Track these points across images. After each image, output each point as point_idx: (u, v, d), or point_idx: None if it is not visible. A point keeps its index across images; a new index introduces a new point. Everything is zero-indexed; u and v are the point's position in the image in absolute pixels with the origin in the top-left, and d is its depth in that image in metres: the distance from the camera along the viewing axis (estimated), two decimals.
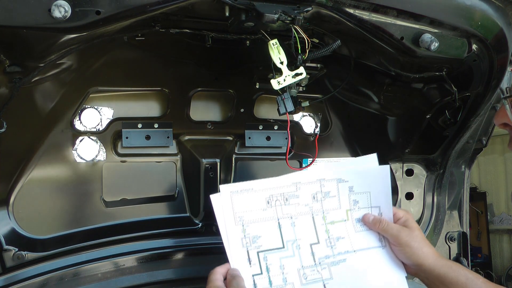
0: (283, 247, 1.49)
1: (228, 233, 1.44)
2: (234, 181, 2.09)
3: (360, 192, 1.58)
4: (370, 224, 1.57)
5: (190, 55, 1.89)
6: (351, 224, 1.57)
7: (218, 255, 1.88)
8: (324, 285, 1.49)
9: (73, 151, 1.85)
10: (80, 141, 1.86)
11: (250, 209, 1.47)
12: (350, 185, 1.57)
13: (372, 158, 1.58)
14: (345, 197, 1.57)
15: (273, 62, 1.51)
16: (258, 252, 1.46)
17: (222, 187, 1.46)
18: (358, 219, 1.58)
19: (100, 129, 1.88)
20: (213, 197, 1.45)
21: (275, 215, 1.50)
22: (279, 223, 1.50)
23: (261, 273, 1.45)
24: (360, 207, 1.58)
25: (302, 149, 2.20)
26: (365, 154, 2.28)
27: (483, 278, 1.52)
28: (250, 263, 1.45)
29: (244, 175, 2.14)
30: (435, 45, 1.54)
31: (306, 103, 1.71)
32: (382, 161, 2.25)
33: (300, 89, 1.77)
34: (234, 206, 1.46)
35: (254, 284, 1.44)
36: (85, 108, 1.85)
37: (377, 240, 1.57)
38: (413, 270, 1.56)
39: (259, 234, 1.47)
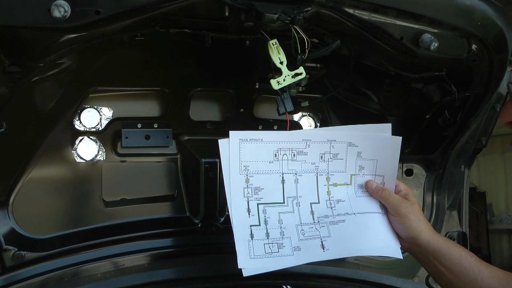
0: (284, 202, 1.50)
1: (231, 180, 1.45)
2: None
3: (367, 159, 1.58)
4: (372, 191, 1.57)
5: (190, 55, 1.89)
6: (353, 189, 1.58)
7: (218, 255, 1.89)
8: (321, 242, 1.50)
9: (72, 151, 1.85)
10: (80, 141, 1.86)
11: (256, 159, 1.47)
12: (359, 150, 1.57)
13: (386, 127, 1.59)
14: (352, 161, 1.57)
15: (273, 62, 1.51)
16: (258, 204, 1.47)
17: (232, 133, 1.45)
18: (361, 185, 1.59)
19: (100, 129, 1.88)
20: (221, 142, 1.44)
21: (280, 169, 1.50)
22: (283, 178, 1.50)
23: (259, 225, 1.46)
24: (364, 174, 1.59)
25: None
26: None
27: (476, 256, 1.53)
28: (249, 214, 1.46)
29: None
30: (434, 45, 1.55)
31: (305, 103, 1.71)
32: None
33: (300, 89, 1.77)
34: (241, 154, 1.45)
35: (251, 234, 1.45)
36: (84, 108, 1.85)
37: (377, 207, 1.58)
38: (407, 244, 1.56)
39: (261, 186, 1.48)
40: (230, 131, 1.45)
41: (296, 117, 2.22)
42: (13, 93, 1.52)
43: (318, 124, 2.26)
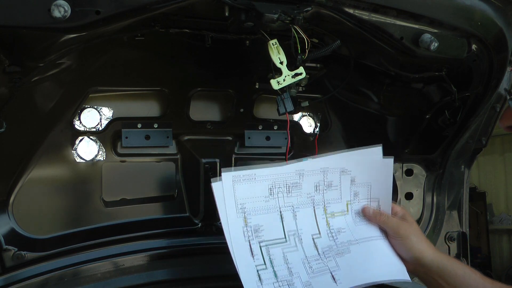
0: (285, 239, 1.48)
1: (229, 223, 1.41)
2: None
3: (361, 184, 1.57)
4: (371, 216, 1.57)
5: (190, 55, 1.89)
6: (351, 217, 1.57)
7: (218, 255, 1.89)
8: (332, 274, 1.47)
9: (72, 151, 1.85)
10: (80, 141, 1.86)
11: (252, 196, 1.44)
12: (352, 176, 1.56)
13: (377, 150, 1.57)
14: (347, 189, 1.56)
15: (273, 62, 1.51)
16: (260, 245, 1.44)
17: (224, 174, 1.41)
18: (358, 212, 1.58)
19: (100, 129, 1.88)
20: (214, 185, 1.40)
21: (277, 205, 1.48)
22: (281, 214, 1.48)
23: (265, 266, 1.43)
24: (360, 200, 1.58)
25: (302, 149, 2.20)
26: None
27: (480, 273, 1.52)
28: (253, 256, 1.42)
29: None
30: (434, 45, 1.55)
31: (305, 103, 1.71)
32: None
33: (300, 89, 1.77)
34: (236, 194, 1.42)
35: (260, 278, 1.41)
36: (84, 108, 1.85)
37: (377, 231, 1.57)
38: (411, 266, 1.55)
39: (260, 224, 1.45)
40: (222, 171, 1.41)
41: (296, 117, 2.23)
42: (13, 93, 1.52)
43: (318, 124, 2.26)
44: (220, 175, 1.41)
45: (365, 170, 1.57)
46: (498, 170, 10.08)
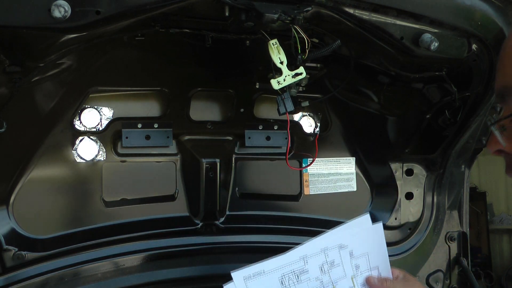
0: None
1: None
2: (234, 181, 2.09)
3: (359, 256, 1.59)
4: (377, 285, 1.59)
5: (190, 55, 1.89)
6: None
7: (218, 255, 1.90)
8: None
9: (73, 151, 1.85)
10: (80, 141, 1.86)
11: None
12: (350, 249, 1.58)
13: (364, 219, 1.59)
14: (348, 263, 1.58)
15: (273, 62, 1.51)
16: None
17: (234, 275, 1.41)
18: (363, 284, 1.59)
19: (100, 129, 1.88)
20: None
21: None
22: None
23: None
24: (362, 272, 1.60)
25: (302, 149, 2.20)
26: (364, 154, 2.30)
27: None
28: None
29: (244, 175, 2.14)
30: (435, 45, 1.55)
31: (306, 103, 1.71)
32: (382, 161, 2.26)
33: (300, 89, 1.77)
34: None
35: None
36: (85, 108, 1.85)
37: None
38: None
39: None
40: (232, 273, 1.41)
41: (296, 117, 2.22)
42: (13, 93, 1.53)
43: (319, 124, 2.26)
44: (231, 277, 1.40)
45: (359, 240, 1.59)
46: (498, 170, 10.05)
